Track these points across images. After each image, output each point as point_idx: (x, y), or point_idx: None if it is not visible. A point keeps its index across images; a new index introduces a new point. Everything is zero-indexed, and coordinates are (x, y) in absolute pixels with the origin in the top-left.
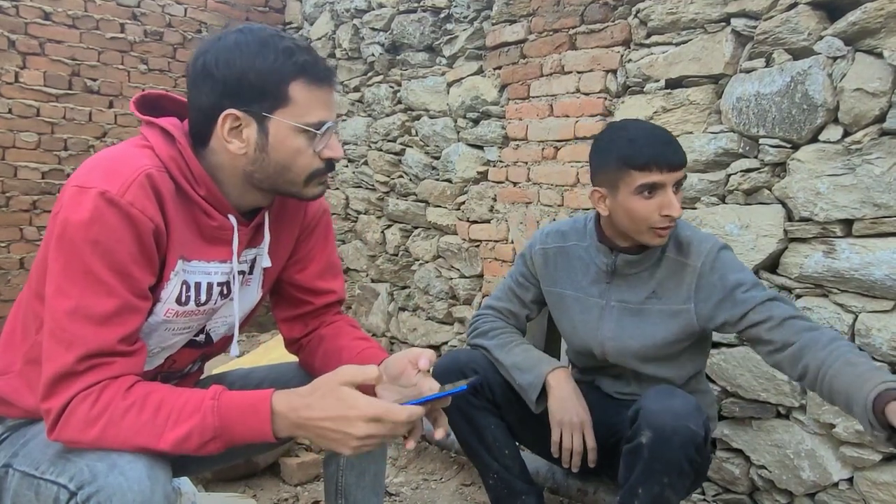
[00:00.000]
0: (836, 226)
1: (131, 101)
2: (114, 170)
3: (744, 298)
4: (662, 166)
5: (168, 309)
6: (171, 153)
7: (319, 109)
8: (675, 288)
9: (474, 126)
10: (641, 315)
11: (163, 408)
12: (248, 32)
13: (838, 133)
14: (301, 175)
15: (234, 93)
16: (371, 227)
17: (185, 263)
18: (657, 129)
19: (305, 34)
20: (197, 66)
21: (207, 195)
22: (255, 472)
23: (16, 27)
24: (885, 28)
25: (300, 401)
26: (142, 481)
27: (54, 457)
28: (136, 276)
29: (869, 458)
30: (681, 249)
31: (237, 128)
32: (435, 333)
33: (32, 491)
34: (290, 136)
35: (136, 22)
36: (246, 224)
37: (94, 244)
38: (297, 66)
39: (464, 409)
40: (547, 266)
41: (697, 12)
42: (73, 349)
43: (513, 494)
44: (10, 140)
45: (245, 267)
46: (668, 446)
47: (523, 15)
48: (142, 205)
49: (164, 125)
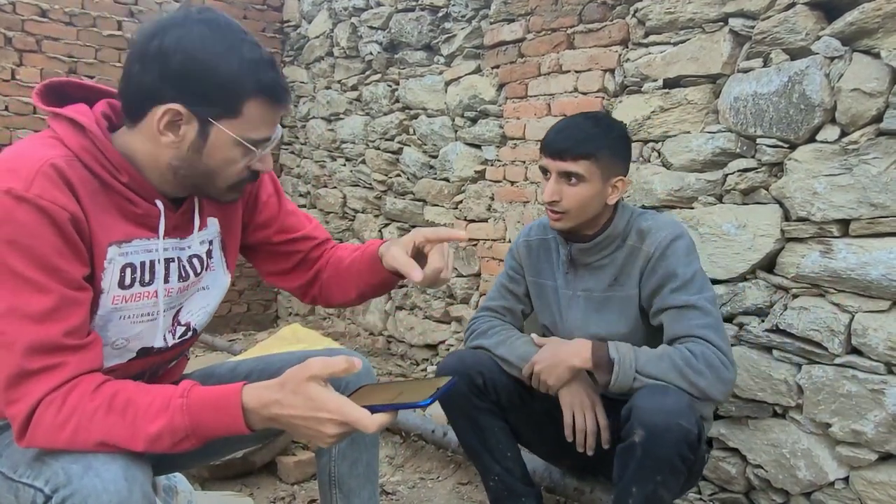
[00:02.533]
0: (833, 226)
1: (34, 92)
2: (14, 166)
3: (665, 295)
4: (548, 151)
5: (114, 297)
6: (82, 143)
7: (266, 127)
8: (632, 273)
9: (472, 125)
10: (606, 303)
11: (129, 407)
12: (215, 27)
13: (835, 133)
14: (226, 183)
15: (185, 89)
16: (368, 225)
17: (125, 246)
18: (574, 120)
19: (303, 32)
20: (151, 46)
21: (131, 182)
22: (251, 471)
23: (12, 24)
24: (883, 28)
25: (270, 396)
26: (118, 482)
27: (31, 459)
28: (64, 269)
29: (865, 458)
30: (640, 237)
31: (176, 122)
32: (432, 332)
33: (12, 494)
34: (227, 146)
35: (133, 19)
36: (174, 209)
37: (10, 244)
38: (259, 84)
39: (467, 410)
40: (530, 257)
41: (695, 12)
42: (15, 347)
43: (513, 496)
44: (6, 137)
45: (198, 250)
46: (661, 444)
47: (521, 14)
48: (51, 195)
49: (72, 115)
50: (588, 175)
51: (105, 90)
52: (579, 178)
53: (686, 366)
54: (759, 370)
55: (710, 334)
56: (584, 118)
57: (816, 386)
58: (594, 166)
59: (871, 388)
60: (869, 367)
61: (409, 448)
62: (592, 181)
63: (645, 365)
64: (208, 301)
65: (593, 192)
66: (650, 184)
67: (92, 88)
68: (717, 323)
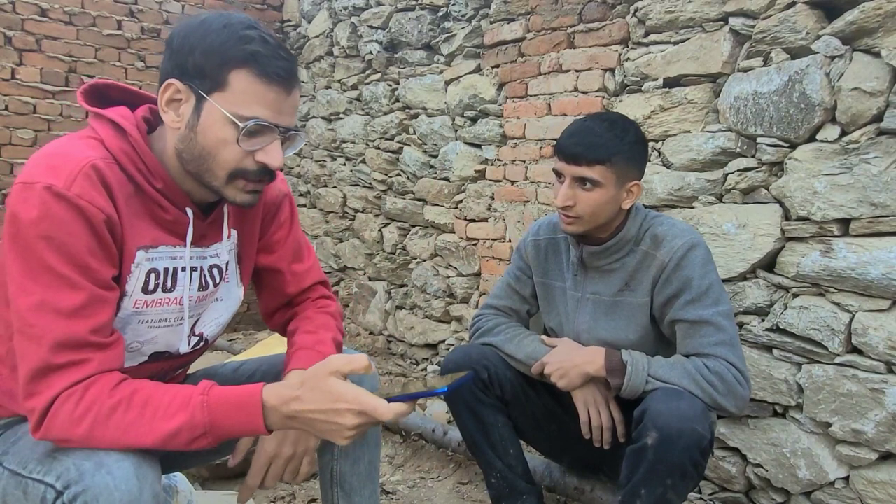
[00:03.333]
0: (834, 225)
1: (78, 91)
2: (58, 163)
3: (678, 307)
4: (562, 155)
5: (136, 301)
6: (121, 146)
7: (258, 106)
8: (644, 280)
9: (472, 124)
10: (616, 308)
11: (149, 405)
12: (224, 16)
13: (836, 132)
14: (223, 169)
15: (181, 65)
16: (369, 225)
17: (151, 251)
18: (589, 123)
19: (303, 32)
20: (168, 38)
21: (164, 188)
22: None
23: (12, 23)
24: (883, 27)
25: (290, 393)
26: (129, 480)
27: (42, 455)
28: (96, 268)
29: (865, 457)
30: (654, 243)
31: (177, 101)
32: (432, 332)
33: (21, 490)
34: (217, 122)
35: (133, 19)
36: (203, 218)
37: (47, 240)
38: (245, 53)
39: (472, 405)
40: (538, 257)
41: (696, 11)
42: (43, 341)
43: (514, 494)
44: (6, 137)
45: (218, 260)
46: (674, 448)
47: (521, 13)
48: (90, 196)
49: (114, 117)
50: (603, 180)
51: (147, 96)
52: (594, 183)
53: (699, 374)
54: (760, 369)
55: (724, 351)
56: (600, 121)
57: (817, 385)
58: (609, 171)
59: (872, 387)
60: (869, 367)
61: (409, 447)
62: (607, 186)
63: (658, 370)
64: (220, 313)
65: (608, 198)
66: (650, 183)
67: (134, 93)
68: (731, 339)
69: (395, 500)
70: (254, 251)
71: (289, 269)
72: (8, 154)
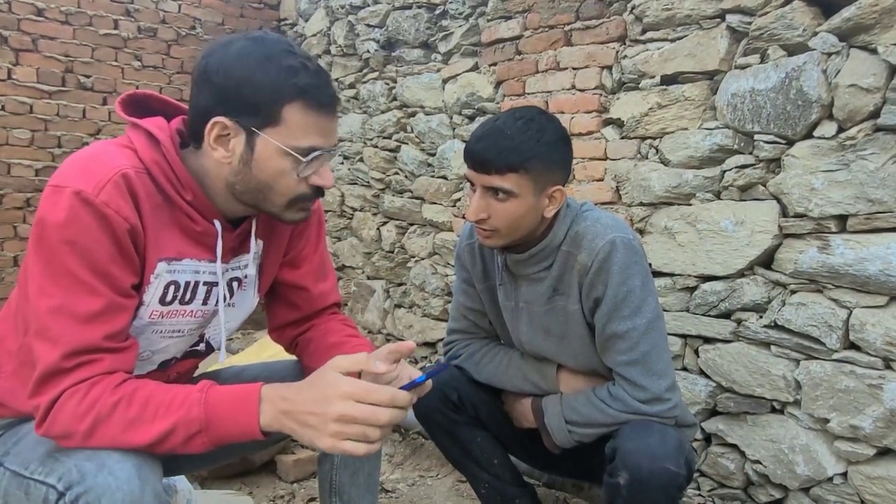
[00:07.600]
0: (831, 221)
1: (117, 101)
2: (90, 169)
3: (598, 320)
4: (469, 161)
5: (152, 311)
6: (154, 157)
7: (312, 135)
8: (571, 283)
9: (470, 123)
10: (550, 317)
11: (150, 402)
12: (258, 42)
13: (833, 129)
14: (283, 198)
15: (227, 102)
16: (367, 223)
17: (174, 264)
18: (499, 123)
19: (300, 30)
20: (200, 68)
21: (194, 200)
22: (251, 470)
23: (8, 23)
24: (880, 24)
25: (288, 390)
26: (131, 481)
27: (44, 456)
28: (116, 275)
29: (863, 453)
30: (575, 242)
31: (225, 136)
32: (431, 330)
33: (22, 490)
34: (274, 156)
35: (129, 18)
36: (231, 230)
37: (71, 244)
38: (296, 87)
39: (446, 426)
40: (475, 263)
41: (692, 8)
42: (57, 346)
43: (506, 500)
44: (3, 137)
45: (239, 273)
46: (647, 489)
47: (519, 11)
48: (116, 205)
49: (150, 128)
50: (518, 189)
51: (183, 108)
52: (508, 193)
53: (604, 403)
54: (758, 366)
55: (632, 372)
56: (513, 120)
57: (814, 381)
58: (524, 179)
59: (869, 383)
60: (867, 363)
61: (408, 446)
62: (524, 196)
63: (572, 414)
64: (229, 318)
65: (526, 208)
66: (648, 181)
67: (171, 104)
68: (643, 356)
69: (395, 498)
70: (277, 263)
71: (312, 287)
72: (5, 154)
